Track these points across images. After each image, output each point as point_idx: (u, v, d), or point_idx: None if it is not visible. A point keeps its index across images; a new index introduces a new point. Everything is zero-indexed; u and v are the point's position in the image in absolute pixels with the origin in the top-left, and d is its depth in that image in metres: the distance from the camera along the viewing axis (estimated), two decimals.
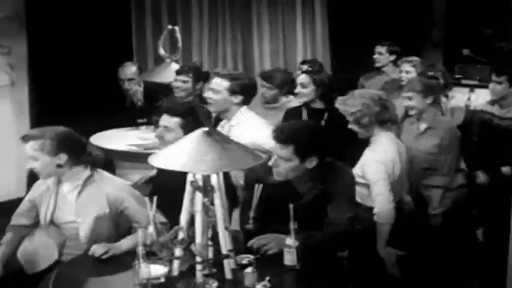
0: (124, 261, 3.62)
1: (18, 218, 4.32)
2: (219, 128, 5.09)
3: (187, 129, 4.32)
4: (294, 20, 9.08)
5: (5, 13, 7.54)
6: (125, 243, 3.88)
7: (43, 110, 7.58)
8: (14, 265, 4.22)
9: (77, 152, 4.12)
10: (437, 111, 5.56)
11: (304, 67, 7.15)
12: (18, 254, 4.26)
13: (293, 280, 3.54)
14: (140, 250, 3.25)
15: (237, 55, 9.02)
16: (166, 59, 7.22)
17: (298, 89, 5.81)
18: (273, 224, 3.85)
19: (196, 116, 4.56)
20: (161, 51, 7.30)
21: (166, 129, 4.49)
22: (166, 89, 6.66)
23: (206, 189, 3.11)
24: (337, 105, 4.95)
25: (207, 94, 5.16)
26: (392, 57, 7.78)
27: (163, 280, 3.27)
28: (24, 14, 7.71)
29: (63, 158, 4.05)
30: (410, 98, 5.46)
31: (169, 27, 7.52)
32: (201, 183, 3.11)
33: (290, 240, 3.55)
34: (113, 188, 4.14)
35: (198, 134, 3.09)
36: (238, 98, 5.08)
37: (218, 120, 5.48)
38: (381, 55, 7.83)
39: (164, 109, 4.57)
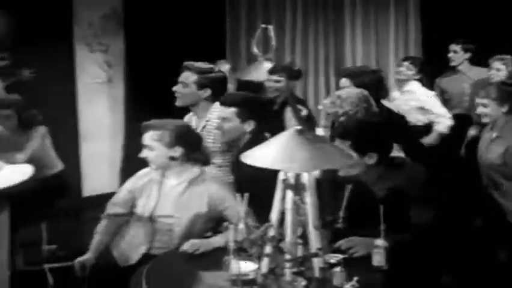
0: (214, 257, 3.69)
1: (114, 207, 4.42)
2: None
3: (243, 117, 4.56)
4: (387, 23, 9.00)
5: (104, 12, 7.74)
6: (217, 240, 3.95)
7: (137, 107, 7.74)
8: (109, 257, 4.33)
9: (192, 148, 4.23)
10: (510, 119, 5.30)
11: (406, 63, 7.14)
12: (112, 247, 4.36)
13: (381, 281, 3.53)
14: (231, 246, 3.30)
15: (329, 56, 9.02)
16: (259, 58, 7.27)
17: None
18: (357, 224, 3.87)
19: (250, 104, 4.67)
20: (255, 50, 7.36)
21: (223, 120, 4.63)
22: (258, 88, 6.70)
23: (297, 187, 3.13)
24: (326, 108, 4.97)
25: (175, 88, 5.13)
26: (467, 55, 7.63)
27: (252, 276, 3.29)
28: (122, 13, 7.89)
29: (178, 151, 4.16)
30: (484, 105, 5.27)
31: (263, 25, 7.57)
32: (292, 181, 3.13)
33: (379, 241, 3.56)
34: (217, 189, 4.22)
35: (289, 132, 3.10)
36: (207, 93, 5.03)
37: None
38: (456, 53, 7.68)
39: (220, 101, 4.73)
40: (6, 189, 5.22)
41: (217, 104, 4.99)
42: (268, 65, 6.91)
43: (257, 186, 3.53)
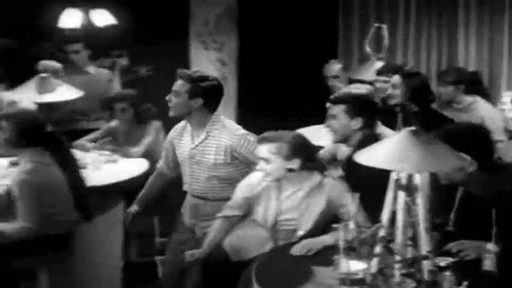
0: (324, 255, 3.71)
1: (231, 210, 4.44)
2: (185, 136, 4.93)
3: (351, 114, 4.55)
4: (501, 29, 8.77)
5: (219, 11, 7.86)
6: (327, 239, 3.93)
7: (249, 105, 7.82)
8: (220, 252, 4.36)
9: (309, 158, 4.20)
10: None
11: None
12: (225, 241, 4.38)
13: (490, 285, 3.47)
14: (342, 245, 3.31)
15: (441, 61, 8.88)
16: (372, 57, 7.25)
17: (390, 90, 5.79)
18: (467, 227, 3.82)
19: (358, 101, 4.67)
20: (367, 49, 7.34)
21: (332, 117, 4.63)
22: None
23: (409, 188, 3.12)
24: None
25: (168, 97, 4.85)
26: None
27: (361, 276, 3.29)
28: (236, 12, 7.99)
29: (296, 162, 4.14)
30: None
31: (376, 25, 7.54)
32: (404, 182, 3.13)
33: (490, 245, 3.50)
34: (335, 188, 4.21)
35: (403, 133, 3.10)
36: (198, 103, 4.75)
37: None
38: None
39: (329, 100, 4.72)
40: (121, 183, 5.41)
41: (216, 114, 4.86)
42: (379, 65, 6.88)
43: (369, 186, 3.53)
